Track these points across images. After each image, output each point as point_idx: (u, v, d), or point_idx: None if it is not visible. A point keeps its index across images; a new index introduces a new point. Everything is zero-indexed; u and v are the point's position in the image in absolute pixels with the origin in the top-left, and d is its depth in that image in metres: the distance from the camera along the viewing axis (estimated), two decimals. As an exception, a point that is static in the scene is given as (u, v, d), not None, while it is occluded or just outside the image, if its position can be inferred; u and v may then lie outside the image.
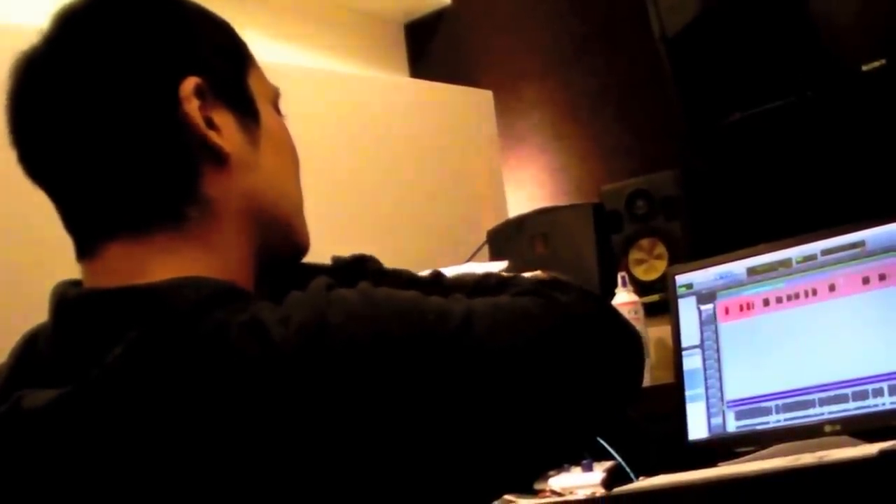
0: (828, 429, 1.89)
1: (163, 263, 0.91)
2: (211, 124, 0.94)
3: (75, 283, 0.95)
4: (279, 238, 1.01)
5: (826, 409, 1.91)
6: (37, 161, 0.96)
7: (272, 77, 1.09)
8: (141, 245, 0.92)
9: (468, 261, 2.52)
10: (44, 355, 0.91)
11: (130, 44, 0.94)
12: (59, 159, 0.94)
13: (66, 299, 0.91)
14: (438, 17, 3.31)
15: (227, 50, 1.01)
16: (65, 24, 0.96)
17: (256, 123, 1.00)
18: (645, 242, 2.44)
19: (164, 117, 0.93)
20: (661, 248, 2.41)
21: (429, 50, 3.35)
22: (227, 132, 0.96)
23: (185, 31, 0.98)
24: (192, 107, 0.93)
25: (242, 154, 0.97)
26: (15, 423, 0.86)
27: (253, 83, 1.02)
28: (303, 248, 1.06)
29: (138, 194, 0.92)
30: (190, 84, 0.94)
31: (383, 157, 2.80)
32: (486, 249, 2.64)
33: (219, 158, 0.95)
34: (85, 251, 0.95)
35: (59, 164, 0.94)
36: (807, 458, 1.65)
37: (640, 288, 2.35)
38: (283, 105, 1.09)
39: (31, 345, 0.93)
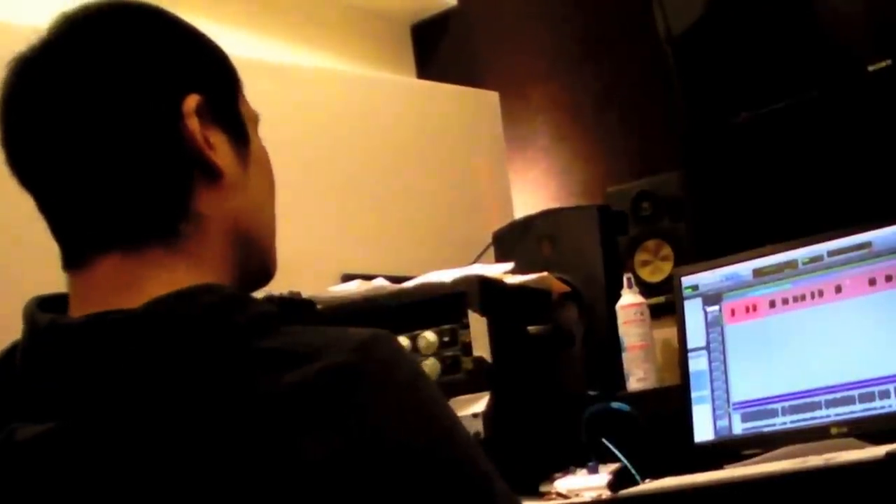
0: (834, 431, 1.89)
1: (155, 279, 0.90)
2: (208, 143, 0.95)
3: (45, 303, 0.92)
4: (255, 260, 1.01)
5: (832, 411, 1.91)
6: (28, 166, 0.95)
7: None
8: (133, 259, 0.91)
9: (474, 262, 2.52)
10: (28, 381, 0.88)
11: (136, 55, 0.94)
12: (52, 167, 0.93)
13: (58, 326, 0.88)
14: (445, 18, 3.32)
15: (223, 73, 1.02)
16: (67, 28, 0.95)
17: (247, 147, 1.01)
18: (650, 244, 2.43)
19: (164, 132, 0.93)
20: (666, 250, 2.41)
21: (435, 51, 3.35)
22: (221, 152, 0.96)
23: (188, 50, 0.98)
24: (194, 123, 0.93)
25: (234, 175, 0.97)
26: (11, 455, 0.85)
27: (242, 108, 1.03)
28: (271, 273, 1.06)
29: (134, 208, 0.92)
30: (193, 101, 0.94)
31: (389, 158, 2.80)
32: (491, 251, 2.64)
33: (213, 177, 0.95)
34: (74, 262, 0.93)
35: (51, 171, 0.93)
36: (814, 461, 1.65)
37: (646, 289, 2.35)
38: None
39: (9, 367, 0.90)
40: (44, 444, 0.84)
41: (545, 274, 2.31)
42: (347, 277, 2.39)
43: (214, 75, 1.00)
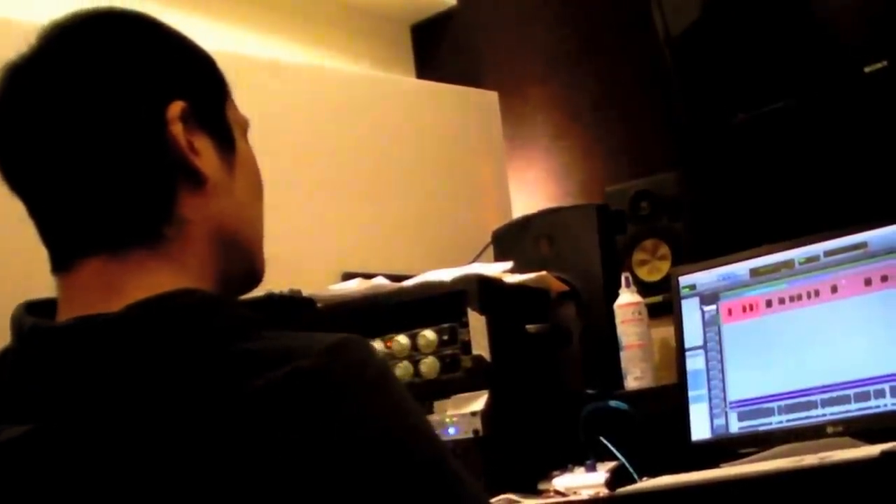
0: (830, 430, 1.90)
1: (137, 282, 0.92)
2: (192, 148, 0.96)
3: (33, 307, 0.94)
4: (241, 264, 1.02)
5: (828, 410, 1.91)
6: (16, 171, 0.96)
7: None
8: (116, 263, 0.93)
9: (473, 261, 2.53)
10: (13, 384, 0.90)
11: (121, 63, 0.96)
12: (39, 173, 0.95)
13: (40, 330, 0.90)
14: (444, 18, 3.33)
15: (209, 79, 1.03)
16: (56, 36, 0.97)
17: (233, 152, 1.02)
18: (648, 243, 2.44)
19: (149, 138, 0.94)
20: (664, 249, 2.42)
21: (435, 51, 3.36)
22: (206, 157, 0.98)
23: (174, 57, 1.00)
24: (178, 129, 0.95)
25: (219, 179, 0.99)
26: None
27: (229, 113, 1.04)
28: (259, 276, 1.07)
29: (118, 212, 0.93)
30: (177, 108, 0.96)
31: (389, 157, 2.81)
32: (490, 250, 2.65)
33: (197, 181, 0.96)
34: (61, 265, 0.95)
35: (39, 177, 0.95)
36: (809, 459, 1.66)
37: (644, 289, 2.36)
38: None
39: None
40: (22, 446, 0.85)
41: (544, 273, 2.32)
42: (348, 276, 2.40)
43: (200, 81, 1.01)
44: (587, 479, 1.99)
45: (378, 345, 2.15)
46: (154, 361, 0.85)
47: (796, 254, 2.04)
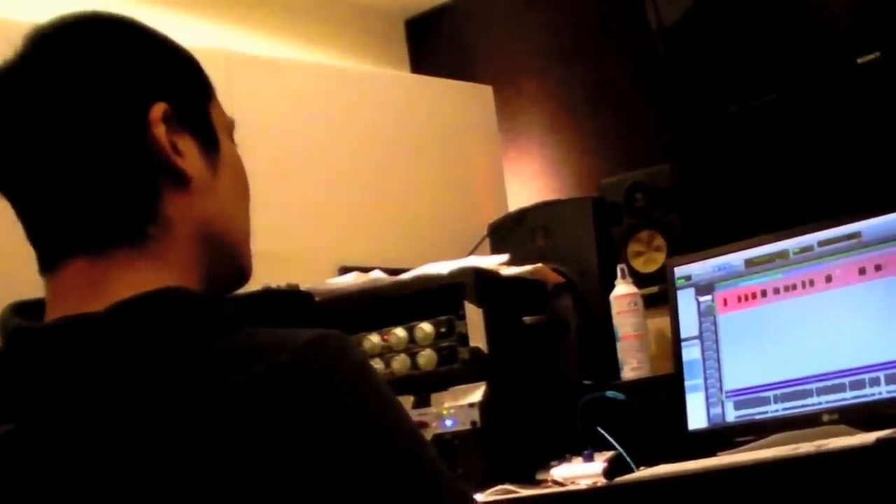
0: (825, 418, 1.91)
1: (122, 281, 0.93)
2: (175, 149, 0.97)
3: (21, 308, 0.95)
4: (227, 262, 1.03)
5: (823, 398, 1.93)
6: (2, 174, 0.97)
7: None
8: (101, 263, 0.94)
9: (470, 254, 2.54)
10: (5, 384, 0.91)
11: (103, 67, 0.97)
12: (24, 175, 0.96)
13: (24, 331, 0.91)
14: (439, 12, 3.34)
15: (192, 80, 1.04)
16: (40, 42, 0.98)
17: (216, 152, 1.03)
18: (644, 235, 2.45)
19: (131, 139, 0.95)
20: (659, 241, 2.43)
21: (429, 45, 3.37)
22: (189, 157, 0.99)
23: (156, 59, 1.01)
24: (160, 131, 0.96)
25: (202, 179, 1.00)
26: None
27: (214, 114, 1.05)
28: (246, 274, 1.08)
29: (102, 213, 0.94)
30: (159, 109, 0.96)
31: (385, 152, 2.82)
32: (486, 243, 2.66)
33: (181, 181, 0.97)
34: (47, 265, 0.96)
35: (23, 179, 0.96)
36: (805, 447, 1.67)
37: (640, 280, 2.36)
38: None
39: None
40: (5, 444, 0.86)
41: (540, 265, 2.33)
42: (345, 270, 2.40)
43: (183, 83, 1.02)
44: (585, 469, 2.00)
45: (375, 338, 2.16)
46: (135, 360, 0.85)
47: (791, 244, 2.04)
